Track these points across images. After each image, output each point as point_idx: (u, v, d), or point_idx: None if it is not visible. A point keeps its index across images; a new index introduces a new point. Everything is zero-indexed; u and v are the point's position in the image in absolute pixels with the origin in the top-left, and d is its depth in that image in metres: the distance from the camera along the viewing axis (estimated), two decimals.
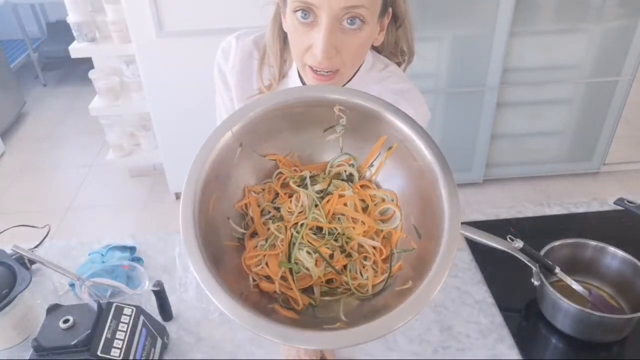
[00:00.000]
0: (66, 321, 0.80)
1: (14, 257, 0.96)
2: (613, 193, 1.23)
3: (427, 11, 2.19)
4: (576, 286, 0.96)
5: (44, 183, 2.95)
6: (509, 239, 0.95)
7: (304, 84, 0.82)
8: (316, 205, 0.62)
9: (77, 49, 2.35)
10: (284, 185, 0.65)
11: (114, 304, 0.85)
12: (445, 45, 2.32)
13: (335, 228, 0.60)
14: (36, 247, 1.16)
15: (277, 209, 0.64)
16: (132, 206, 2.72)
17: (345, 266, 0.60)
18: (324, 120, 0.65)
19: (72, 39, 2.38)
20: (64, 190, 2.86)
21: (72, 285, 1.04)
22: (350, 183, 0.65)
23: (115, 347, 0.79)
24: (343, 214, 0.61)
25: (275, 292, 0.58)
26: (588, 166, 2.76)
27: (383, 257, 0.60)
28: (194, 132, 2.66)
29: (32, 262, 0.99)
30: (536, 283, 0.94)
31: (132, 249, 1.13)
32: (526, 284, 0.95)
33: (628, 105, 2.52)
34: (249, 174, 0.65)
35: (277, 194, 0.65)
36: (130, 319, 0.84)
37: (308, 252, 0.59)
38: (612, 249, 0.99)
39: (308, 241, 0.59)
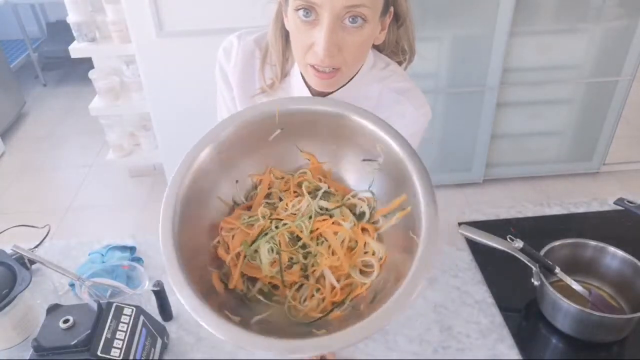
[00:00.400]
0: (66, 321, 0.80)
1: (14, 257, 0.96)
2: (613, 193, 1.23)
3: (427, 11, 2.20)
4: (576, 286, 0.96)
5: (44, 183, 2.95)
6: (509, 239, 0.95)
7: (306, 83, 0.82)
8: (310, 218, 0.61)
9: (77, 49, 2.35)
10: (300, 184, 0.66)
11: (114, 304, 0.85)
12: (445, 45, 2.32)
13: (309, 245, 0.60)
14: (36, 247, 1.16)
15: (281, 199, 0.64)
16: (132, 206, 2.72)
17: (294, 283, 0.60)
18: (364, 148, 0.65)
19: (72, 39, 2.38)
20: (64, 190, 2.86)
21: (72, 285, 1.04)
22: (356, 220, 0.64)
23: (115, 347, 0.79)
24: (327, 240, 0.61)
25: (225, 263, 0.59)
26: (588, 166, 2.76)
27: (334, 299, 0.59)
28: (194, 132, 2.65)
29: (32, 262, 0.99)
30: (536, 283, 0.94)
31: (132, 249, 1.13)
32: (526, 284, 0.95)
33: (628, 105, 2.52)
34: (276, 157, 0.67)
35: (289, 187, 0.66)
36: (130, 319, 0.84)
37: (270, 249, 0.60)
38: (612, 249, 0.99)
39: (280, 241, 0.59)
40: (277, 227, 0.61)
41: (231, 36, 0.88)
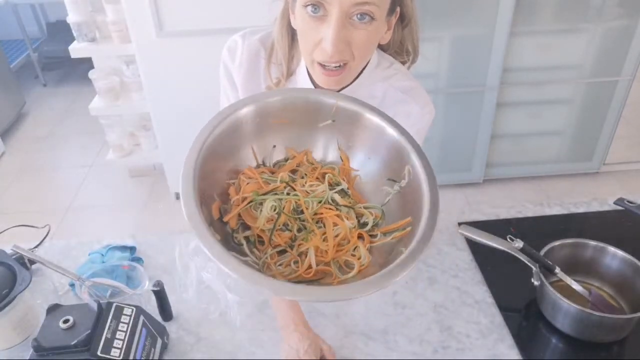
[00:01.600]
0: (66, 321, 0.80)
1: (14, 257, 0.96)
2: (613, 193, 1.23)
3: (427, 11, 2.20)
4: (576, 286, 0.96)
5: (44, 183, 2.95)
6: (509, 239, 0.95)
7: (313, 82, 0.82)
8: (319, 202, 0.65)
9: (77, 49, 2.35)
10: (324, 175, 0.69)
11: (114, 304, 0.85)
12: (445, 45, 2.32)
13: (308, 222, 0.63)
14: (36, 247, 1.16)
15: (302, 178, 0.68)
16: (132, 206, 2.72)
17: (278, 246, 0.63)
18: (393, 167, 0.69)
19: (72, 39, 2.38)
20: (64, 190, 2.86)
21: (72, 285, 1.04)
22: (357, 225, 0.67)
23: (115, 347, 0.79)
24: (324, 227, 0.64)
25: (230, 200, 0.64)
26: (588, 166, 2.76)
27: (307, 276, 0.62)
28: (194, 132, 2.66)
29: (32, 262, 0.99)
30: (536, 283, 0.94)
31: (132, 249, 1.13)
32: (526, 284, 0.95)
33: (628, 105, 2.52)
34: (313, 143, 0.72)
35: (307, 159, 0.70)
36: (130, 319, 0.84)
37: (273, 207, 0.64)
38: (612, 249, 0.99)
39: (285, 205, 0.63)
40: (288, 194, 0.65)
41: (235, 36, 0.88)
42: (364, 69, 0.83)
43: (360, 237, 0.65)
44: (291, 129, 0.72)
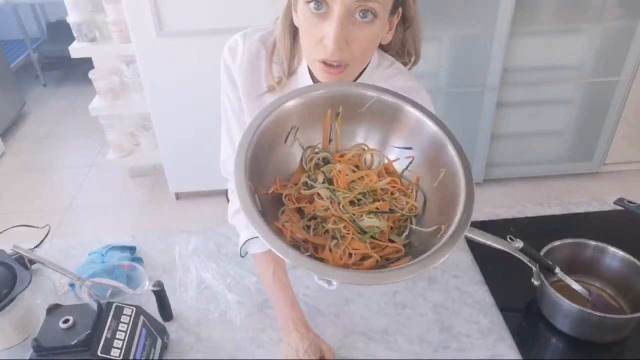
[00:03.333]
0: (66, 321, 0.80)
1: (14, 257, 0.96)
2: (613, 193, 1.23)
3: (427, 11, 2.19)
4: (576, 286, 0.96)
5: (44, 183, 2.96)
6: (509, 239, 0.95)
7: (314, 80, 0.82)
8: (334, 191, 0.66)
9: (77, 49, 2.36)
10: (298, 199, 0.68)
11: (114, 304, 0.85)
12: (445, 45, 2.32)
13: (362, 193, 0.66)
14: (36, 247, 1.16)
15: (313, 218, 0.66)
16: (132, 206, 2.72)
17: (390, 209, 0.66)
18: (283, 131, 0.70)
19: (72, 39, 2.38)
20: (64, 190, 2.86)
21: (72, 285, 1.04)
22: (330, 162, 0.71)
23: (115, 347, 0.79)
24: (354, 181, 0.68)
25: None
26: (588, 166, 2.75)
27: (399, 185, 0.68)
28: (194, 132, 2.68)
29: (32, 262, 1.00)
30: (536, 283, 0.94)
31: (132, 249, 1.13)
32: (526, 284, 0.95)
33: (628, 105, 2.52)
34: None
35: (301, 211, 0.68)
36: (130, 319, 0.84)
37: (369, 217, 0.64)
38: (612, 249, 0.99)
39: (359, 213, 0.65)
40: (347, 212, 0.65)
41: (236, 35, 0.87)
42: (365, 68, 0.83)
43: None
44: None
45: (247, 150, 0.62)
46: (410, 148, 0.70)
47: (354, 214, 0.64)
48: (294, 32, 0.82)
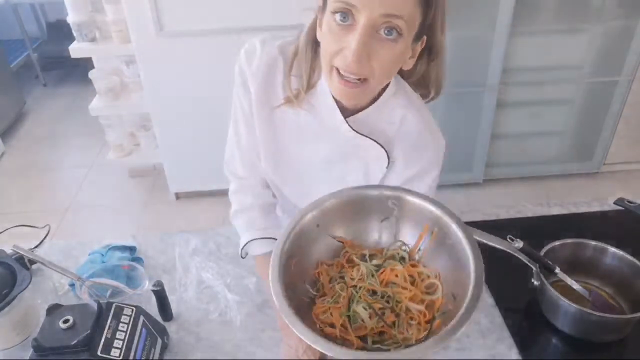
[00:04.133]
0: (66, 321, 0.80)
1: (14, 257, 0.96)
2: (613, 193, 1.23)
3: None
4: (576, 286, 0.96)
5: (44, 183, 2.96)
6: (509, 239, 0.95)
7: (332, 96, 0.81)
8: (372, 276, 0.74)
9: (77, 49, 2.36)
10: (349, 261, 0.77)
11: (114, 304, 0.85)
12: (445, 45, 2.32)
13: (386, 291, 0.72)
14: (36, 247, 1.16)
15: (342, 277, 0.75)
16: (132, 206, 2.72)
17: (394, 323, 0.70)
18: (378, 211, 0.79)
19: (72, 39, 2.38)
20: (64, 190, 2.86)
21: (72, 285, 1.04)
22: (402, 262, 0.77)
23: (115, 347, 0.79)
24: (395, 283, 0.73)
25: (336, 336, 0.69)
26: (588, 166, 2.76)
27: (427, 319, 0.70)
28: (194, 132, 2.68)
29: (32, 262, 0.99)
30: (536, 283, 0.94)
31: (132, 249, 1.13)
32: (526, 284, 0.95)
33: (628, 105, 2.52)
34: (323, 250, 0.79)
35: (342, 267, 0.77)
36: (130, 319, 0.84)
37: (364, 307, 0.70)
38: (612, 249, 0.99)
39: (365, 299, 0.71)
40: (357, 292, 0.72)
41: (254, 40, 0.86)
42: (381, 93, 0.82)
43: (414, 266, 0.76)
44: (348, 225, 0.80)
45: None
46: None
47: (359, 298, 0.71)
48: (315, 47, 0.81)
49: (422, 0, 0.68)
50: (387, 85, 0.82)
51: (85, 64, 2.62)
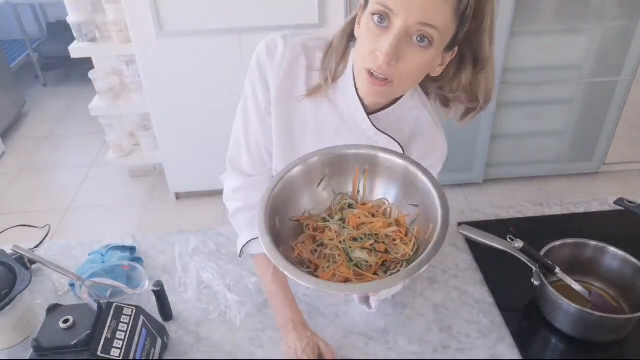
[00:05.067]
0: (66, 321, 0.80)
1: (14, 257, 0.96)
2: (613, 193, 1.23)
3: None
4: (576, 286, 0.96)
5: (44, 183, 2.96)
6: (509, 239, 0.95)
7: (356, 90, 0.82)
8: (344, 228, 0.79)
9: (77, 49, 2.36)
10: (315, 229, 0.81)
11: (114, 304, 0.85)
12: None
13: (364, 233, 0.78)
14: (36, 247, 1.16)
15: (321, 244, 0.79)
16: (132, 206, 2.72)
17: (386, 250, 0.77)
18: (316, 177, 0.83)
19: (72, 39, 2.38)
20: (64, 190, 2.86)
21: (72, 285, 1.04)
22: (352, 208, 0.82)
23: (115, 347, 0.79)
24: (363, 223, 0.79)
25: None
26: (588, 166, 2.76)
27: (403, 234, 0.78)
28: (194, 132, 2.68)
29: (32, 262, 1.00)
30: (536, 283, 0.94)
31: (132, 249, 1.13)
32: (526, 284, 0.95)
33: (628, 105, 2.52)
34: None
35: (314, 237, 0.81)
36: (130, 319, 0.84)
37: (360, 251, 0.76)
38: (612, 249, 0.99)
39: (354, 246, 0.76)
40: (345, 244, 0.77)
41: (275, 35, 0.86)
42: (400, 96, 0.84)
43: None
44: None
45: (278, 184, 0.78)
46: (416, 205, 0.80)
47: (350, 247, 0.76)
48: (348, 42, 0.83)
49: (458, 14, 0.69)
50: None
51: (85, 64, 2.61)
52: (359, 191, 0.85)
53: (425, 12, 0.67)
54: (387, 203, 0.83)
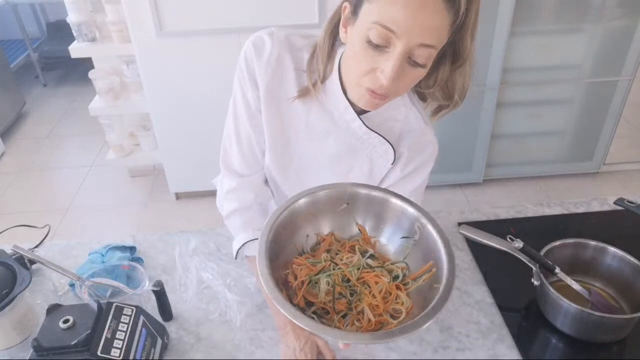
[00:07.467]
0: (66, 321, 0.80)
1: (14, 257, 0.96)
2: (613, 193, 1.23)
3: None
4: (576, 286, 0.96)
5: (44, 183, 2.96)
6: (509, 239, 0.95)
7: (344, 92, 0.82)
8: (358, 269, 0.77)
9: (77, 49, 2.36)
10: (352, 247, 0.81)
11: (114, 304, 0.85)
12: None
13: (356, 286, 0.76)
14: (36, 247, 1.16)
15: (337, 253, 0.80)
16: (132, 206, 2.72)
17: (340, 312, 0.74)
18: (403, 227, 0.81)
19: (72, 39, 2.38)
20: (64, 190, 2.86)
21: (72, 285, 1.04)
22: (392, 279, 0.77)
23: (115, 347, 0.79)
24: (369, 287, 0.76)
25: (291, 286, 0.75)
26: (588, 166, 2.76)
27: (369, 329, 0.73)
28: (194, 132, 2.68)
29: (32, 262, 0.99)
30: (536, 283, 0.94)
31: (132, 249, 1.13)
32: (526, 284, 0.95)
33: (628, 105, 2.52)
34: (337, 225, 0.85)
35: (345, 247, 0.81)
36: (130, 319, 0.84)
37: (327, 282, 0.74)
38: (612, 249, 0.99)
39: (334, 278, 0.75)
40: (334, 269, 0.76)
41: (261, 33, 0.85)
42: None
43: (397, 288, 0.76)
44: (317, 219, 0.83)
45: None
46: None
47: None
48: (332, 41, 0.81)
49: (454, 28, 0.69)
50: None
51: (85, 64, 2.62)
52: (415, 280, 0.79)
53: (426, 34, 0.66)
54: (405, 311, 0.76)
